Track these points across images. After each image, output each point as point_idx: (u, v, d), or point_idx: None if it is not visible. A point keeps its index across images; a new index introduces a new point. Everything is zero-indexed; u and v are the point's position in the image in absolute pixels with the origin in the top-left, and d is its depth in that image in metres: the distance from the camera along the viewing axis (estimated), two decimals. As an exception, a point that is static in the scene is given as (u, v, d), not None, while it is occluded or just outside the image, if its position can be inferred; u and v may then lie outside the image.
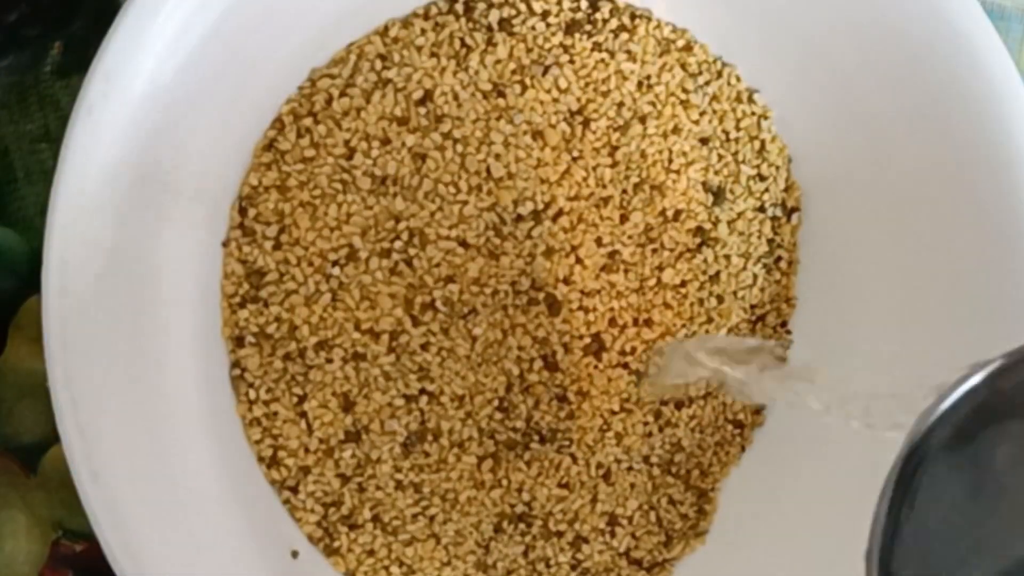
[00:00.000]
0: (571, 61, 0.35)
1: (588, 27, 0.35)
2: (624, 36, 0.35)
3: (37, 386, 0.32)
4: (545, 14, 0.35)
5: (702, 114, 0.36)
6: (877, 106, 0.36)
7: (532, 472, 0.35)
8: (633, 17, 0.36)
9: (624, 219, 0.35)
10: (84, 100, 0.29)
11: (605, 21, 0.35)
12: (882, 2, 0.35)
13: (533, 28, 0.35)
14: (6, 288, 0.35)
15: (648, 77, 0.36)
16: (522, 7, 0.35)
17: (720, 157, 0.37)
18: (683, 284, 0.36)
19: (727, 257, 0.37)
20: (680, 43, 0.36)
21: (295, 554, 0.34)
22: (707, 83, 0.37)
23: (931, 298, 0.36)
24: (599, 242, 0.35)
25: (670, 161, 0.36)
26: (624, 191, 0.35)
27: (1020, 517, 0.22)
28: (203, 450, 0.32)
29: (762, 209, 0.37)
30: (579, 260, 0.35)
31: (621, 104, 0.35)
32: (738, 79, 0.37)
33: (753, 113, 0.37)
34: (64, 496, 0.32)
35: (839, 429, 0.26)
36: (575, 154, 0.35)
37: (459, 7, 0.34)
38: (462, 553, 0.35)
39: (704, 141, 0.36)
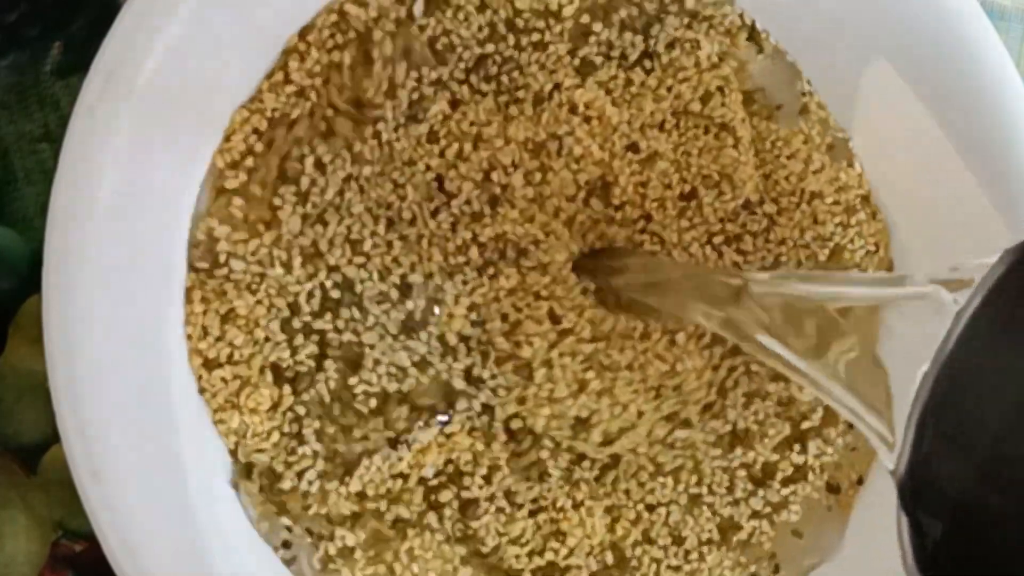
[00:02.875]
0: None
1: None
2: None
3: (37, 386, 0.32)
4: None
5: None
6: (876, 106, 0.36)
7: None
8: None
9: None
10: (84, 100, 0.29)
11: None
12: (882, 2, 0.35)
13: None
14: (6, 288, 0.35)
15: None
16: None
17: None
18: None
19: None
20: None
21: (295, 554, 0.34)
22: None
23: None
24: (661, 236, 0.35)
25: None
26: (684, 180, 0.35)
27: None
28: (203, 450, 0.32)
29: None
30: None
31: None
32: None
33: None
34: (64, 496, 0.32)
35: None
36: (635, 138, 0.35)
37: None
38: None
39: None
